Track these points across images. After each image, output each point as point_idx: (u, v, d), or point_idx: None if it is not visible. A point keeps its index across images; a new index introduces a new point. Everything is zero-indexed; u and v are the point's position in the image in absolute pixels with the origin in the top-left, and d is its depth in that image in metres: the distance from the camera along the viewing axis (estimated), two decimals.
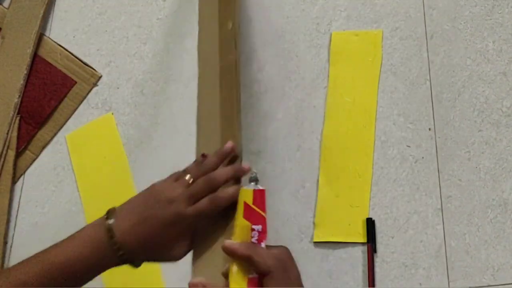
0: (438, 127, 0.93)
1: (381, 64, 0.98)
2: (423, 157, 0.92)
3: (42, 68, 1.07)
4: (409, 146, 0.93)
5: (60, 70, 1.07)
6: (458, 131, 0.93)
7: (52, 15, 1.12)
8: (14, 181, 1.03)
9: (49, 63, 1.07)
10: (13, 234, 1.01)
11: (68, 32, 1.11)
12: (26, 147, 1.04)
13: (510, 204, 0.88)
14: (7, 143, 1.03)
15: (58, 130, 1.05)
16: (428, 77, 0.96)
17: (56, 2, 1.13)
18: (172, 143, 1.00)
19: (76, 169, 1.02)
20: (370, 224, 0.89)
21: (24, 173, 1.04)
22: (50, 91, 1.06)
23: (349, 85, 0.97)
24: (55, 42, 1.09)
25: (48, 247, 0.67)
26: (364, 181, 0.92)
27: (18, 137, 1.04)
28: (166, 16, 1.09)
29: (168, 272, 0.94)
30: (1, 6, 1.12)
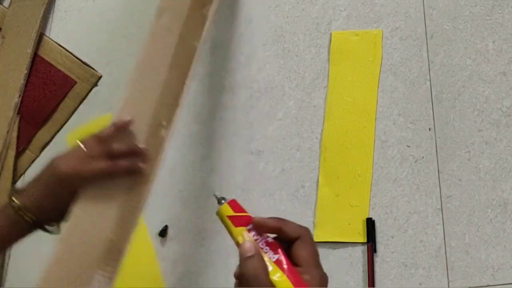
0: (438, 127, 0.93)
1: (381, 64, 0.98)
2: (423, 157, 0.92)
3: (42, 68, 1.07)
4: (409, 146, 0.93)
5: (60, 70, 1.07)
6: (458, 131, 0.93)
7: (52, 15, 1.12)
8: (14, 181, 1.03)
9: (49, 63, 1.07)
10: None
11: (68, 32, 1.11)
12: (26, 147, 1.04)
13: (510, 204, 0.88)
14: (7, 143, 1.03)
15: (58, 130, 1.05)
16: (428, 77, 0.96)
17: (56, 2, 1.13)
18: (172, 143, 1.00)
19: None
20: (370, 224, 0.90)
21: (24, 173, 1.04)
22: (50, 91, 1.06)
23: (349, 85, 0.98)
24: (55, 42, 1.09)
25: None
26: (364, 181, 0.92)
27: (18, 137, 1.04)
28: None
29: (168, 272, 0.94)
30: (1, 6, 1.12)
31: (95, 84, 1.07)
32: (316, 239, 0.91)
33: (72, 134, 1.04)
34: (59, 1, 1.13)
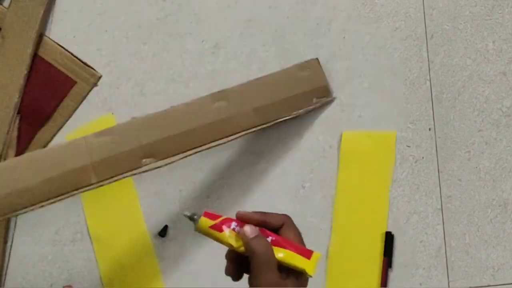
0: (438, 127, 0.93)
1: (393, 171, 0.92)
2: (423, 157, 0.92)
3: (42, 68, 1.07)
4: (409, 146, 0.93)
5: (60, 70, 1.07)
6: (458, 131, 0.93)
7: (52, 15, 1.12)
8: None
9: (49, 63, 1.07)
10: (13, 233, 1.01)
11: (68, 32, 1.11)
12: (26, 147, 1.04)
13: (510, 204, 0.88)
14: (7, 143, 1.03)
15: (58, 130, 1.05)
16: (428, 77, 0.96)
17: (56, 2, 1.13)
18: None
19: None
20: (389, 238, 0.88)
21: None
22: (50, 91, 1.06)
23: (358, 194, 0.92)
24: (55, 42, 1.09)
25: None
26: None
27: (18, 137, 1.04)
28: (166, 16, 1.09)
29: (169, 272, 0.94)
30: (1, 6, 1.12)
31: (95, 84, 1.07)
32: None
33: (72, 134, 1.04)
34: (59, 1, 1.13)
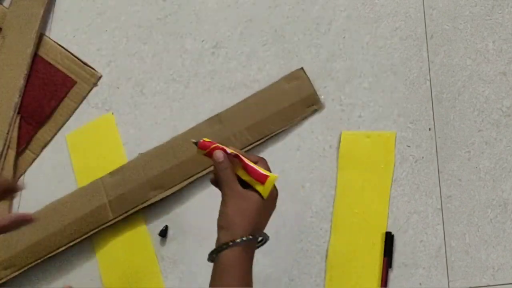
0: (438, 127, 0.93)
1: (393, 172, 0.92)
2: (423, 157, 0.92)
3: (42, 68, 1.07)
4: (409, 146, 0.93)
5: (60, 70, 1.07)
6: (458, 131, 0.93)
7: (52, 15, 1.13)
8: (14, 181, 1.03)
9: (49, 63, 1.07)
10: None
11: (68, 32, 1.11)
12: (26, 147, 1.04)
13: (510, 204, 0.88)
14: (7, 143, 1.03)
15: (58, 130, 1.05)
16: (428, 77, 0.96)
17: (56, 2, 1.13)
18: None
19: (76, 169, 1.02)
20: (389, 238, 0.88)
21: (24, 173, 1.04)
22: (50, 91, 1.06)
23: (358, 195, 0.92)
24: (55, 42, 1.09)
25: None
26: None
27: (19, 137, 1.04)
28: (166, 16, 1.09)
29: (169, 272, 0.94)
30: (1, 6, 1.12)
31: (95, 84, 1.07)
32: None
33: (73, 134, 1.04)
34: (59, 1, 1.13)
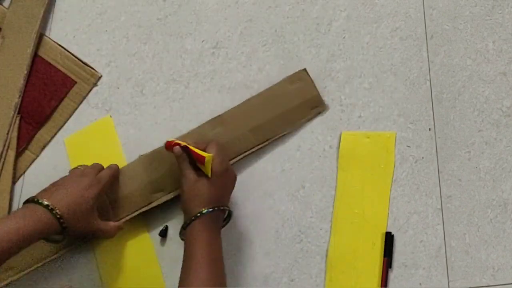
0: (438, 127, 0.93)
1: (393, 172, 0.92)
2: (423, 157, 0.92)
3: (42, 68, 1.07)
4: (409, 146, 0.93)
5: (60, 70, 1.07)
6: (458, 131, 0.93)
7: (52, 15, 1.12)
8: (14, 181, 1.02)
9: (49, 63, 1.07)
10: None
11: (68, 32, 1.11)
12: (26, 147, 1.04)
13: (510, 204, 0.88)
14: (7, 143, 1.02)
15: (58, 130, 1.05)
16: (428, 77, 0.96)
17: (56, 2, 1.13)
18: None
19: None
20: (389, 238, 0.88)
21: (24, 173, 1.04)
22: (50, 91, 1.06)
23: (358, 195, 0.92)
24: (55, 42, 1.09)
25: None
26: None
27: (18, 137, 1.04)
28: (166, 16, 1.09)
29: (168, 272, 0.94)
30: (1, 6, 1.12)
31: (95, 84, 1.07)
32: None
33: (70, 138, 1.04)
34: (59, 1, 1.13)
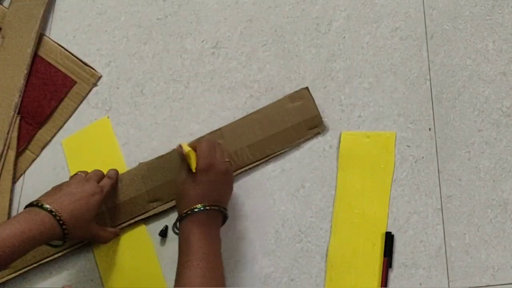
0: (438, 127, 0.94)
1: (393, 172, 0.92)
2: (423, 157, 0.92)
3: (42, 68, 1.07)
4: (409, 146, 0.93)
5: (60, 70, 1.07)
6: (458, 131, 0.93)
7: (52, 15, 1.12)
8: (14, 181, 1.03)
9: (49, 63, 1.07)
10: None
11: (68, 32, 1.11)
12: (26, 147, 1.04)
13: (510, 204, 0.88)
14: (7, 143, 1.03)
15: (58, 130, 1.05)
16: (428, 77, 0.96)
17: (56, 2, 1.13)
18: (172, 143, 1.00)
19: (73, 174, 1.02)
20: (389, 238, 0.88)
21: (24, 173, 1.04)
22: (50, 91, 1.06)
23: (358, 195, 0.92)
24: (55, 42, 1.09)
25: None
26: None
27: (18, 137, 1.04)
28: (166, 16, 1.09)
29: (168, 272, 0.94)
30: (1, 6, 1.12)
31: (95, 84, 1.07)
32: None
33: (68, 140, 1.04)
34: (59, 1, 1.13)
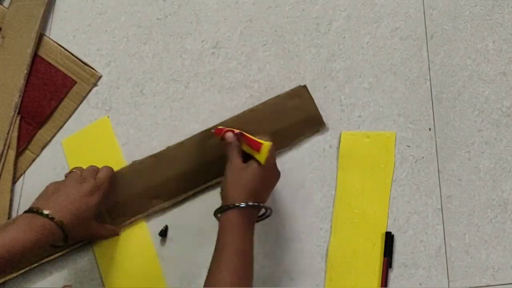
0: (438, 127, 0.94)
1: (393, 172, 0.92)
2: (423, 157, 0.93)
3: (42, 68, 1.07)
4: (409, 146, 0.93)
5: (60, 70, 1.07)
6: (458, 131, 0.93)
7: (52, 15, 1.12)
8: (14, 181, 1.03)
9: (49, 63, 1.07)
10: None
11: (68, 32, 1.11)
12: (26, 147, 1.04)
13: (510, 204, 0.88)
14: (7, 143, 1.03)
15: (58, 130, 1.05)
16: (428, 77, 0.96)
17: (56, 2, 1.13)
18: (172, 143, 1.00)
19: None
20: (389, 238, 0.88)
21: (24, 173, 1.04)
22: (50, 91, 1.06)
23: (358, 195, 0.92)
24: (55, 42, 1.09)
25: None
26: None
27: (18, 137, 1.04)
28: (166, 16, 1.09)
29: (168, 272, 0.94)
30: (1, 6, 1.12)
31: (95, 84, 1.07)
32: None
33: (68, 140, 1.04)
34: (59, 1, 1.13)
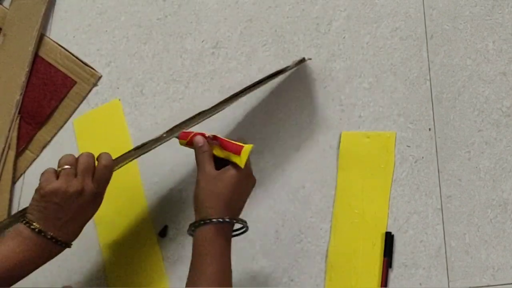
0: (438, 127, 0.94)
1: (393, 172, 0.92)
2: (423, 157, 0.93)
3: (42, 68, 1.07)
4: (409, 146, 0.93)
5: (60, 70, 1.07)
6: (458, 131, 0.93)
7: (52, 15, 1.13)
8: (14, 181, 1.03)
9: (49, 63, 1.07)
10: None
11: (68, 32, 1.11)
12: (26, 147, 1.04)
13: (510, 204, 0.88)
14: (8, 141, 1.03)
15: (58, 130, 1.05)
16: (428, 77, 0.96)
17: (56, 2, 1.13)
18: (172, 143, 1.00)
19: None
20: (389, 238, 0.88)
21: (24, 173, 1.04)
22: (50, 91, 1.06)
23: (358, 195, 0.91)
24: (55, 42, 1.09)
25: None
26: None
27: (18, 137, 1.04)
28: (166, 16, 1.09)
29: (168, 272, 0.94)
30: (1, 6, 1.12)
31: (95, 84, 1.07)
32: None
33: (79, 120, 1.04)
34: (59, 1, 1.14)
